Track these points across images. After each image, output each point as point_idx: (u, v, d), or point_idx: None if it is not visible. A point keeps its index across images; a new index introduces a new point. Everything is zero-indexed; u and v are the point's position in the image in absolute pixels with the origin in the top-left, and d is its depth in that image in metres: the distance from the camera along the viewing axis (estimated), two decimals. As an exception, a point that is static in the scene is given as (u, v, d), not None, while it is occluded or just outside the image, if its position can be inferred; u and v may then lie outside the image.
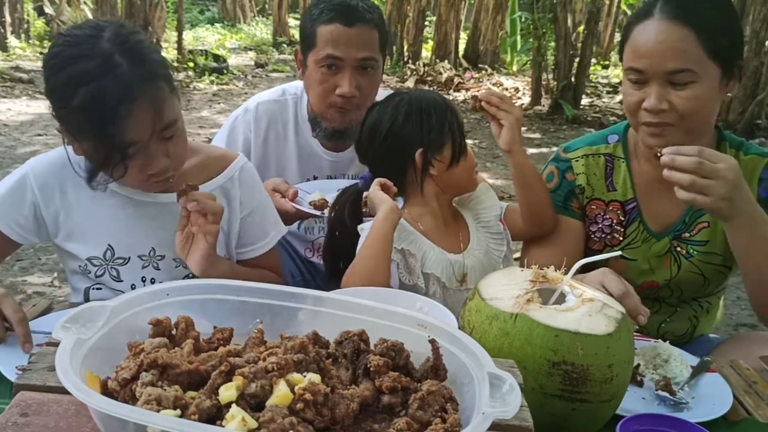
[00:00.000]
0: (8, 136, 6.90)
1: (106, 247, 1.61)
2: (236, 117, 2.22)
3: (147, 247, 1.61)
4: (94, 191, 1.56)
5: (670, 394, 1.34)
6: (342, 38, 1.96)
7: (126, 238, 1.61)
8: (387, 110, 1.73)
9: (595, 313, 1.16)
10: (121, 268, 1.62)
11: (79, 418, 0.86)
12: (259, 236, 1.74)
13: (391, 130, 1.70)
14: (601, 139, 1.84)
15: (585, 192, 1.81)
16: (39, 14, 12.77)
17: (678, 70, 1.56)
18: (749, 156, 1.73)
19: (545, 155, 6.89)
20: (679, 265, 1.77)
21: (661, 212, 1.77)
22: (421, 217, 1.73)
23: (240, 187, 1.68)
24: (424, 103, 1.71)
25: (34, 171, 1.59)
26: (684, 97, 1.57)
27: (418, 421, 0.84)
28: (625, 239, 1.79)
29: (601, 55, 14.28)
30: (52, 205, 1.59)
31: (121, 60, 1.37)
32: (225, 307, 1.03)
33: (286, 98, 2.21)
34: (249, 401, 0.81)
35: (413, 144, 1.68)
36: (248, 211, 1.70)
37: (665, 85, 1.58)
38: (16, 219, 1.58)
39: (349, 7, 1.98)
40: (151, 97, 1.39)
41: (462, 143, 1.71)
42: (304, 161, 2.19)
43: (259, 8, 19.22)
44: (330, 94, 2.01)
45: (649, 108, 1.59)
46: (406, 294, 1.52)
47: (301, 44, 2.09)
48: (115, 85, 1.34)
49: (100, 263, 1.62)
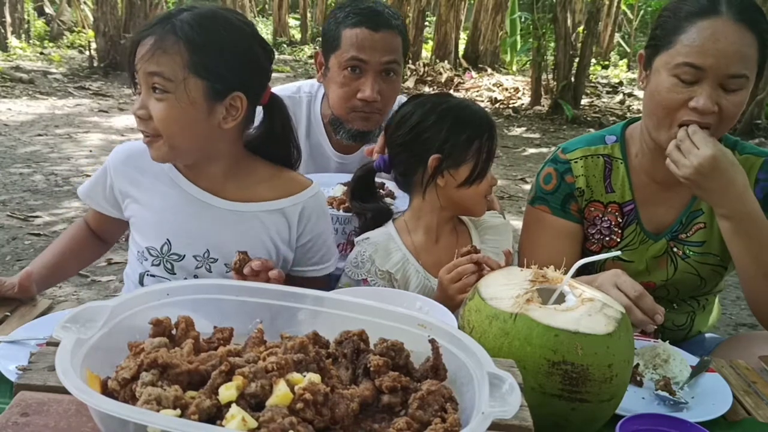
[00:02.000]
0: (8, 136, 6.91)
1: (164, 240, 1.63)
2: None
3: (203, 248, 1.63)
4: (165, 185, 1.63)
5: (670, 394, 1.34)
6: (367, 42, 1.97)
7: (184, 236, 1.63)
8: (425, 106, 1.69)
9: (595, 312, 1.16)
10: (176, 264, 1.64)
11: (79, 418, 0.86)
12: (316, 262, 1.74)
13: (419, 125, 1.67)
14: (598, 140, 1.82)
15: (584, 194, 1.80)
16: (39, 14, 12.78)
17: (738, 74, 1.53)
18: (744, 156, 1.73)
19: (545, 155, 6.89)
20: (676, 266, 1.77)
21: (658, 213, 1.77)
22: (415, 230, 1.71)
23: (306, 215, 1.68)
24: (464, 115, 1.67)
25: (116, 154, 1.71)
26: (732, 102, 1.55)
27: (418, 421, 0.84)
28: (622, 241, 1.79)
29: (601, 55, 14.29)
30: (124, 188, 1.67)
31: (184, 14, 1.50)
32: (225, 307, 1.03)
33: (300, 96, 2.21)
34: (249, 401, 0.81)
35: (432, 148, 1.65)
36: (308, 239, 1.71)
37: (717, 87, 1.55)
38: (100, 202, 1.73)
39: (376, 13, 2.00)
40: (155, 39, 1.47)
41: (483, 169, 1.65)
42: (312, 160, 2.19)
43: (259, 8, 19.22)
44: (351, 98, 2.02)
45: (701, 108, 1.54)
46: (406, 294, 1.52)
47: (323, 46, 2.10)
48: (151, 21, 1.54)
49: (156, 254, 1.64)
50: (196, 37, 1.47)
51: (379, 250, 1.67)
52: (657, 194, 1.76)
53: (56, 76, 10.31)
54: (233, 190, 1.63)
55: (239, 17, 1.58)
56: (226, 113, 1.53)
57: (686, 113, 1.57)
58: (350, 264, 1.70)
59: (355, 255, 1.70)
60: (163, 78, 1.46)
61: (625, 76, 13.33)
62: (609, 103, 10.79)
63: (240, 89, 1.52)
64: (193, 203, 1.63)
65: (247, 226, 1.63)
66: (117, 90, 8.90)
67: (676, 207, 1.76)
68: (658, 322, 1.40)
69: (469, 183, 1.65)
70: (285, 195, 1.66)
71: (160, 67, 1.46)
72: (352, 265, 1.69)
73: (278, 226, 1.65)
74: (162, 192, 1.64)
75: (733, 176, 1.55)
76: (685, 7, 1.60)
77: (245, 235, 1.62)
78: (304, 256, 1.72)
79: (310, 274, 1.74)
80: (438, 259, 1.66)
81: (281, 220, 1.65)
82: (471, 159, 1.64)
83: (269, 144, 1.67)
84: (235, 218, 1.62)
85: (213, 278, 1.63)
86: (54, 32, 12.36)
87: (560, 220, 1.80)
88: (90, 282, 3.78)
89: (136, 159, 1.65)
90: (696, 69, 1.54)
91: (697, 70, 1.54)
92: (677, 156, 1.57)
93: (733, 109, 1.56)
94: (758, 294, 1.63)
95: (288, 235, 1.67)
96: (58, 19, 12.37)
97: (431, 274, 1.66)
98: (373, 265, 1.66)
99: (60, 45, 12.45)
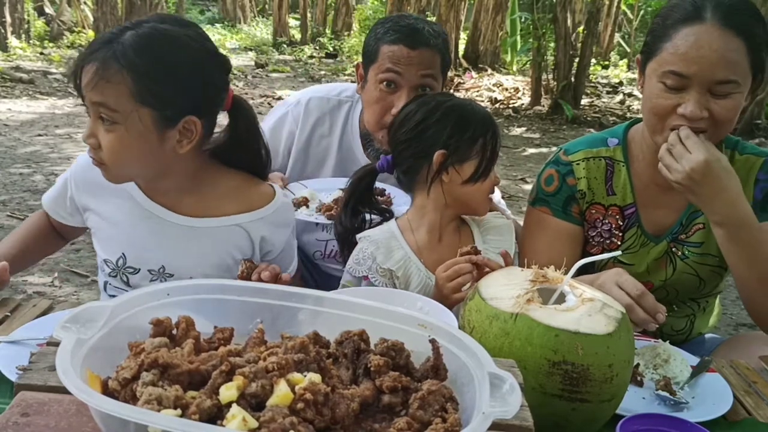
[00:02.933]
0: (8, 136, 6.91)
1: (120, 254, 1.63)
2: (287, 108, 2.23)
3: (157, 264, 1.62)
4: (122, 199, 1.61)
5: (670, 394, 1.34)
6: (404, 59, 1.97)
7: (140, 250, 1.62)
8: (429, 104, 1.70)
9: (595, 312, 1.16)
10: (131, 277, 1.63)
11: (79, 418, 0.86)
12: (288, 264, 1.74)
13: (424, 122, 1.67)
14: (600, 142, 1.81)
15: (586, 197, 1.79)
16: (39, 14, 12.78)
17: (726, 80, 1.52)
18: (744, 156, 1.73)
19: (545, 155, 6.90)
20: (675, 266, 1.77)
21: (659, 216, 1.77)
22: (418, 228, 1.71)
23: (263, 233, 1.65)
24: (469, 113, 1.68)
25: (76, 165, 1.68)
26: (724, 107, 1.54)
27: (418, 421, 0.84)
28: (622, 244, 1.78)
29: (601, 55, 14.29)
30: (83, 200, 1.66)
31: (127, 36, 1.43)
32: (225, 307, 1.03)
33: (341, 99, 2.21)
34: (249, 401, 0.81)
35: (437, 144, 1.65)
36: (268, 251, 1.70)
37: (705, 94, 1.54)
38: (61, 213, 1.72)
39: (416, 30, 1.99)
40: (97, 66, 1.41)
41: (488, 167, 1.66)
42: (342, 164, 2.19)
43: (259, 8, 19.23)
44: (386, 113, 2.00)
45: (688, 115, 1.54)
46: (407, 294, 1.52)
47: (363, 59, 2.10)
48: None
49: (113, 267, 1.64)
50: (140, 64, 1.40)
51: (380, 248, 1.67)
52: (658, 197, 1.76)
53: (56, 76, 10.31)
54: (191, 204, 1.60)
55: (187, 31, 1.49)
56: (180, 137, 1.48)
57: (676, 119, 1.57)
58: (352, 261, 1.70)
59: (356, 252, 1.70)
60: (108, 109, 1.41)
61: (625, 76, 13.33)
62: (609, 103, 10.79)
63: (193, 112, 1.47)
64: (149, 218, 1.60)
65: (203, 242, 1.60)
66: (117, 90, 8.93)
67: (677, 209, 1.76)
68: (660, 321, 1.40)
69: (474, 180, 1.65)
70: (247, 209, 1.62)
71: (105, 97, 1.40)
72: (354, 262, 1.69)
73: (239, 241, 1.63)
74: (119, 205, 1.61)
75: (726, 182, 1.54)
76: (672, 14, 1.59)
77: (202, 251, 1.61)
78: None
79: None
80: (440, 258, 1.66)
81: (242, 235, 1.63)
82: (476, 156, 1.65)
83: (235, 150, 1.63)
84: (191, 234, 1.59)
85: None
86: (54, 32, 12.37)
87: (561, 222, 1.80)
88: (90, 282, 3.78)
89: (95, 171, 1.57)
90: (681, 77, 1.54)
91: (683, 77, 1.54)
92: (669, 160, 1.57)
93: (726, 113, 1.55)
94: (754, 298, 1.63)
95: (251, 251, 1.65)
96: (58, 19, 12.37)
97: (433, 273, 1.66)
98: (375, 263, 1.66)
99: (60, 45, 12.45)
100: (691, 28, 1.53)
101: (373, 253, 1.66)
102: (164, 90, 1.43)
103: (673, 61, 1.54)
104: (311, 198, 2.04)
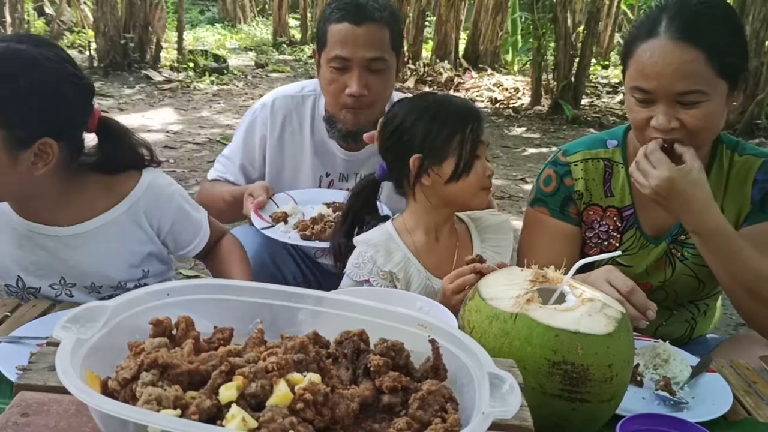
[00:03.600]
0: (8, 136, 6.90)
1: (16, 277, 1.65)
2: (254, 113, 2.23)
3: (56, 277, 1.64)
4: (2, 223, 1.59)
5: (670, 394, 1.34)
6: (350, 38, 1.96)
7: (33, 269, 1.64)
8: (407, 106, 1.69)
9: (595, 312, 1.16)
10: (36, 294, 1.66)
11: (79, 418, 0.86)
12: (191, 238, 1.77)
13: (400, 127, 1.66)
14: (600, 143, 1.81)
15: (583, 197, 1.79)
16: (39, 14, 12.76)
17: (688, 91, 1.53)
18: (744, 156, 1.73)
19: (545, 155, 6.90)
20: (674, 267, 1.77)
21: (658, 218, 1.76)
22: (414, 230, 1.70)
23: (148, 212, 1.67)
24: (443, 110, 1.65)
25: None
26: (694, 116, 1.55)
27: (418, 421, 0.84)
28: (621, 245, 1.78)
29: (601, 55, 14.28)
30: None
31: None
32: (225, 307, 1.03)
33: (303, 94, 2.20)
34: (249, 401, 0.81)
35: (413, 148, 1.63)
36: (168, 228, 1.71)
37: (674, 105, 1.55)
38: None
39: (358, 6, 1.98)
40: None
41: (469, 162, 1.61)
42: (319, 158, 2.19)
43: (259, 8, 19.21)
44: (340, 94, 2.00)
45: (659, 128, 1.56)
46: (406, 294, 1.52)
47: (317, 44, 2.10)
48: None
49: (15, 290, 1.67)
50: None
51: (380, 251, 1.66)
52: None
53: (56, 76, 10.30)
54: (69, 215, 1.60)
55: (46, 52, 1.45)
56: (35, 159, 1.45)
57: (652, 131, 1.59)
58: (351, 266, 1.69)
59: (356, 256, 1.69)
60: None
61: (626, 76, 13.28)
62: (609, 103, 10.78)
63: (49, 134, 1.43)
64: (32, 238, 1.60)
65: (94, 245, 1.62)
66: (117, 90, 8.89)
67: None
68: (650, 318, 1.40)
69: (456, 178, 1.62)
70: (119, 199, 1.63)
71: None
72: (354, 267, 1.68)
73: (129, 230, 1.64)
74: (1, 231, 1.61)
75: (692, 194, 1.54)
76: (634, 31, 1.64)
77: (96, 253, 1.62)
78: (177, 240, 1.74)
79: (203, 243, 1.78)
80: (438, 260, 1.65)
81: (129, 224, 1.64)
82: (453, 153, 1.61)
83: (108, 167, 1.62)
84: (78, 241, 1.60)
85: (77, 300, 1.62)
86: (54, 32, 12.34)
87: (559, 223, 1.80)
88: (90, 282, 3.77)
89: None
90: (645, 92, 1.56)
91: (646, 92, 1.56)
92: (637, 176, 1.58)
93: (697, 122, 1.55)
94: (742, 305, 1.64)
95: (145, 235, 1.67)
96: (58, 19, 12.36)
97: (432, 274, 1.66)
98: (375, 266, 1.65)
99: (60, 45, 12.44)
100: (647, 43, 1.56)
101: (372, 256, 1.66)
102: (15, 112, 1.39)
103: (636, 77, 1.57)
104: (292, 213, 2.02)
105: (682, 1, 1.58)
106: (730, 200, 1.72)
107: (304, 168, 2.19)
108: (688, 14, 1.55)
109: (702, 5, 1.58)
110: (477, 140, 1.63)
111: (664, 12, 1.56)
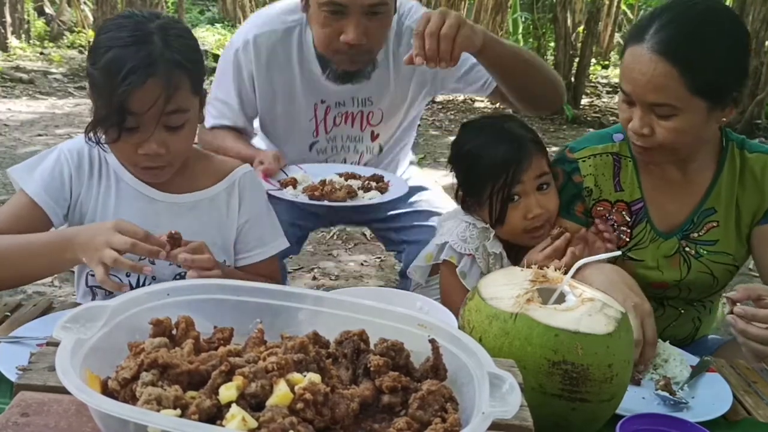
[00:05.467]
0: (8, 136, 6.90)
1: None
2: (235, 51, 2.10)
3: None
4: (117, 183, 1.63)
5: (670, 394, 1.34)
6: None
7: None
8: (462, 135, 1.79)
9: (595, 312, 1.16)
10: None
11: (79, 418, 0.86)
12: (256, 245, 1.73)
13: (453, 157, 1.77)
14: (606, 138, 1.81)
15: (592, 194, 1.78)
16: (39, 14, 12.76)
17: (658, 103, 1.54)
18: (755, 153, 1.73)
19: (545, 155, 6.88)
20: (689, 265, 1.76)
21: (669, 212, 1.76)
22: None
23: (239, 194, 1.69)
24: (477, 158, 1.70)
25: (69, 149, 1.65)
26: (665, 128, 1.56)
27: (418, 421, 0.84)
28: (632, 240, 1.78)
29: (601, 55, 14.27)
30: (79, 184, 1.64)
31: (158, 41, 1.46)
32: (225, 307, 1.03)
33: (287, 26, 2.07)
34: (249, 401, 0.81)
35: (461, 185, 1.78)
36: (245, 219, 1.71)
37: (649, 112, 1.57)
38: (57, 198, 1.61)
39: None
40: (166, 81, 1.45)
41: (502, 213, 1.67)
42: (310, 88, 2.11)
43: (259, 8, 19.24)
44: (334, 40, 1.88)
45: (632, 130, 1.60)
46: (406, 294, 1.53)
47: None
48: (139, 56, 1.43)
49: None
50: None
51: (488, 234, 1.72)
52: (667, 192, 1.75)
53: (56, 76, 10.30)
54: (181, 183, 1.64)
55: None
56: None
57: (630, 132, 1.62)
58: (456, 237, 1.72)
59: (462, 229, 1.72)
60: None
61: (625, 76, 13.29)
62: (609, 103, 10.77)
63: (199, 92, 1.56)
64: (140, 198, 1.63)
65: (192, 216, 1.64)
66: (117, 90, 8.93)
67: (688, 205, 1.75)
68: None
69: (494, 224, 1.71)
70: (220, 178, 1.68)
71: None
72: (459, 239, 1.71)
73: (223, 210, 1.67)
74: (107, 188, 1.64)
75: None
76: (631, 30, 1.68)
77: (193, 226, 1.60)
78: (245, 239, 1.71)
79: (255, 259, 1.72)
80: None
81: (224, 204, 1.67)
82: (485, 203, 1.70)
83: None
84: (184, 210, 1.64)
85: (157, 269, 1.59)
86: (54, 32, 12.35)
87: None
88: (90, 282, 3.78)
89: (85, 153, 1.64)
90: (625, 93, 1.59)
91: (626, 94, 1.59)
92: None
93: (667, 135, 1.55)
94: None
95: (226, 220, 1.68)
96: (58, 19, 12.37)
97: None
98: (482, 244, 1.70)
99: (60, 45, 12.45)
100: (632, 47, 1.57)
101: (480, 234, 1.71)
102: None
103: (621, 77, 1.61)
104: (302, 181, 1.99)
105: (679, 11, 1.58)
106: (747, 197, 1.72)
107: (297, 98, 2.12)
108: (674, 28, 1.54)
109: (697, 20, 1.56)
110: (514, 185, 1.66)
111: (656, 20, 1.56)
